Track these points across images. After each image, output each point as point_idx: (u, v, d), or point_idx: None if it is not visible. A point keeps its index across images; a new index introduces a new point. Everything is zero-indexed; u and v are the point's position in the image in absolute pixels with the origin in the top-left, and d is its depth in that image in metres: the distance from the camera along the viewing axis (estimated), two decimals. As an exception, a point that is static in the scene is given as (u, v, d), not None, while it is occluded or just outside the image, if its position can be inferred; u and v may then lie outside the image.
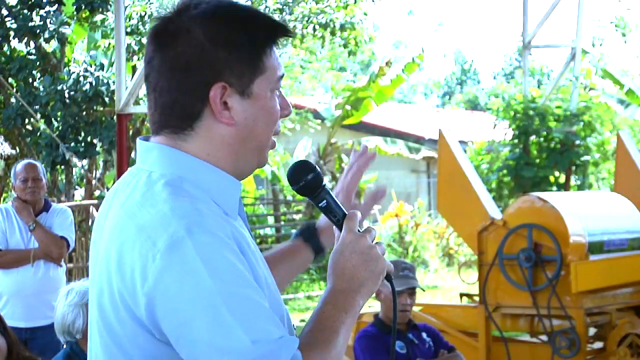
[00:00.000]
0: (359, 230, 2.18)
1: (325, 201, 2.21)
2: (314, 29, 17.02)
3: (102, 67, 14.18)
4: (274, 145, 2.18)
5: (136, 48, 14.83)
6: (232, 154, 2.12)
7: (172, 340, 1.96)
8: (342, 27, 17.32)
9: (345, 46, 17.95)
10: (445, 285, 18.26)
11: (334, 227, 2.25)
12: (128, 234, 2.01)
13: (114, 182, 14.90)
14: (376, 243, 2.16)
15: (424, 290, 6.74)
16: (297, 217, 20.60)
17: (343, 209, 2.22)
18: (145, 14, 14.96)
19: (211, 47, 2.07)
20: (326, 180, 2.25)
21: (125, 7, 13.46)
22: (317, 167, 2.23)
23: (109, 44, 15.03)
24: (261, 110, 2.12)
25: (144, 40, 14.77)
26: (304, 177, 2.21)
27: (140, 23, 14.91)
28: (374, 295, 6.30)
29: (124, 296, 1.99)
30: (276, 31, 2.16)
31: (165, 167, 2.09)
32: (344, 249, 2.14)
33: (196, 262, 1.92)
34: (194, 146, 2.10)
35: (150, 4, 15.40)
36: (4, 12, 13.80)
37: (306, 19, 16.96)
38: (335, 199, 2.22)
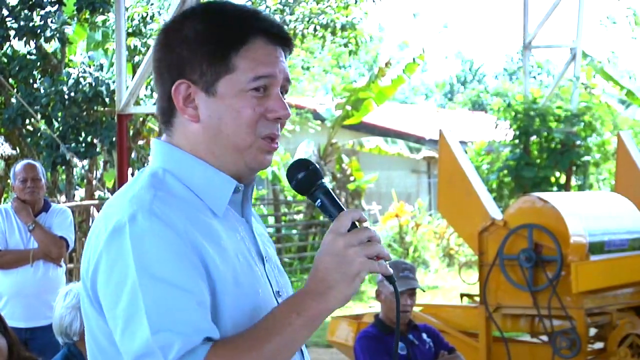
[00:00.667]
0: (348, 230, 2.07)
1: (319, 201, 2.15)
2: (315, 30, 17.02)
3: (100, 67, 14.17)
4: (268, 148, 2.15)
5: (142, 50, 14.83)
6: (209, 152, 2.14)
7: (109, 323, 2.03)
8: (343, 28, 17.32)
9: (346, 45, 17.95)
10: (445, 285, 18.26)
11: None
12: (96, 223, 2.10)
13: (114, 183, 14.91)
14: (358, 244, 2.04)
15: (424, 291, 6.74)
16: (298, 217, 20.61)
17: (341, 207, 2.14)
18: (147, 15, 14.96)
19: (177, 46, 2.13)
20: (326, 181, 2.20)
21: (127, 8, 13.48)
22: (312, 165, 2.18)
23: (110, 44, 15.03)
24: (228, 109, 2.11)
25: (150, 42, 14.78)
26: (296, 176, 2.17)
27: (142, 24, 14.90)
28: (374, 295, 6.30)
29: (84, 279, 2.09)
30: (250, 31, 2.13)
31: (157, 161, 2.17)
32: (321, 249, 2.07)
33: (127, 248, 1.98)
34: (176, 141, 2.17)
35: (151, 5, 15.40)
36: (5, 12, 13.79)
37: (307, 19, 16.97)
38: (335, 197, 2.17)
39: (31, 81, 13.99)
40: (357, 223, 2.08)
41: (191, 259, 2.00)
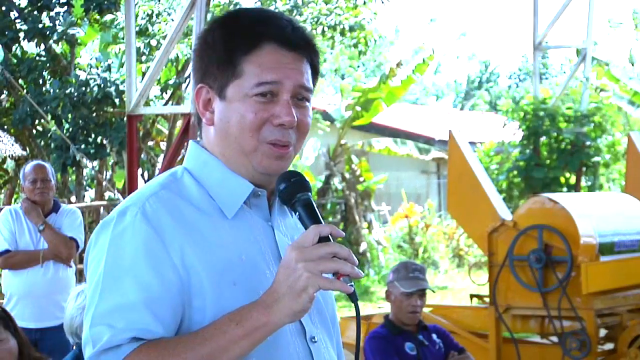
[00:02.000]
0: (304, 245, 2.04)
1: (297, 213, 2.15)
2: (323, 31, 17.01)
3: (108, 68, 14.19)
4: (274, 153, 2.16)
5: (146, 51, 14.83)
6: (222, 154, 2.20)
7: None
8: (352, 29, 17.31)
9: (355, 46, 17.94)
10: (455, 286, 18.24)
11: None
12: None
13: (124, 183, 14.92)
14: (333, 257, 1.99)
15: (434, 292, 6.73)
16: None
17: (318, 220, 2.10)
18: (153, 12, 14.97)
19: (201, 52, 2.22)
20: (335, 182, 2.20)
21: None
22: (296, 177, 2.17)
23: (119, 49, 15.04)
24: (234, 113, 2.16)
25: (153, 43, 14.78)
26: (277, 187, 2.19)
27: (148, 22, 14.91)
28: (384, 296, 6.30)
29: None
30: (259, 37, 2.15)
31: (188, 161, 2.25)
32: (281, 262, 2.06)
33: (105, 241, 2.09)
34: (204, 143, 2.25)
35: (158, 2, 15.41)
36: (14, 14, 13.81)
37: (315, 20, 16.96)
38: (315, 211, 2.13)
39: (41, 82, 14.02)
40: (330, 237, 2.03)
41: (160, 258, 2.05)
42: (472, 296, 9.07)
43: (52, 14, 13.80)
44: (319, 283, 1.99)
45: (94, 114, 13.78)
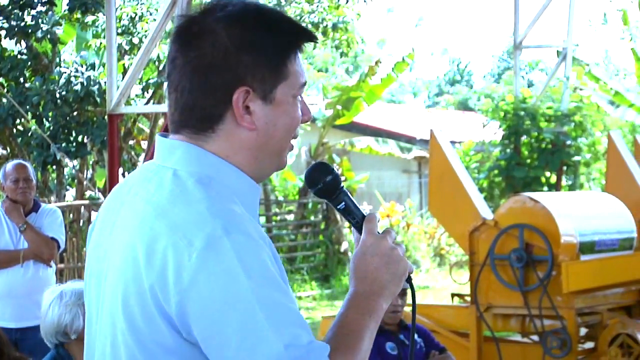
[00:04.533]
0: (378, 232, 2.16)
1: (344, 203, 2.20)
2: (306, 28, 17.00)
3: (92, 67, 14.15)
4: (292, 148, 2.18)
5: (127, 48, 14.80)
6: (251, 158, 2.10)
7: (201, 340, 1.94)
8: (335, 27, 17.31)
9: (337, 47, 17.94)
10: (436, 285, 18.28)
11: (353, 228, 2.23)
12: (159, 230, 1.97)
13: (105, 182, 14.88)
14: (396, 244, 2.15)
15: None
16: (289, 217, 20.59)
17: (362, 210, 2.20)
18: (136, 15, 14.95)
19: (235, 50, 2.06)
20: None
21: (116, 8, 13.44)
22: (334, 169, 2.22)
23: (100, 43, 14.99)
24: (282, 116, 2.11)
25: (135, 40, 14.75)
26: (323, 179, 2.19)
27: (131, 24, 14.88)
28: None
29: (155, 291, 1.95)
30: (301, 37, 2.14)
31: (192, 166, 2.07)
32: (365, 251, 2.13)
33: (233, 262, 1.91)
34: (214, 148, 2.09)
35: (141, 4, 15.38)
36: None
37: (298, 18, 16.96)
38: (354, 200, 2.21)
39: (22, 81, 13.97)
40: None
41: (276, 270, 1.99)
42: (453, 295, 9.09)
43: (34, 12, 13.75)
44: (411, 267, 2.16)
45: (75, 113, 13.74)
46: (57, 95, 13.50)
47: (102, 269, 2.12)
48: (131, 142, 16.44)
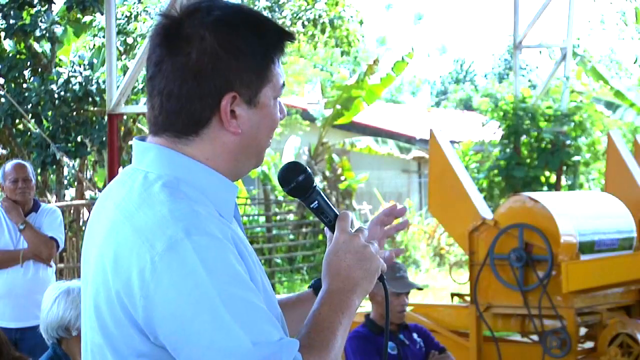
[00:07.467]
0: (351, 230, 2.18)
1: (316, 202, 2.21)
2: (303, 25, 16.98)
3: (91, 66, 14.15)
4: (269, 145, 2.20)
5: (122, 49, 14.80)
6: (232, 160, 2.11)
7: (169, 343, 1.94)
8: (332, 24, 17.29)
9: (337, 46, 17.93)
10: (436, 285, 18.26)
11: (326, 228, 2.24)
12: (125, 235, 1.99)
13: (104, 182, 14.88)
14: (369, 242, 2.16)
15: (422, 289, 6.77)
16: (289, 217, 20.60)
17: (335, 209, 2.22)
18: (131, 14, 14.94)
19: (224, 56, 2.06)
20: (317, 181, 2.24)
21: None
22: (307, 168, 2.23)
23: (102, 43, 14.99)
24: (265, 118, 2.12)
25: (129, 40, 14.75)
26: (295, 179, 2.21)
27: (127, 23, 14.88)
28: (367, 296, 6.31)
29: (121, 297, 1.97)
30: (284, 39, 2.15)
31: (162, 168, 2.07)
32: (337, 249, 2.14)
33: (195, 263, 1.91)
34: (195, 151, 2.08)
35: (137, 3, 15.38)
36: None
37: (295, 15, 16.95)
38: (327, 199, 2.22)
39: (21, 81, 13.97)
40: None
41: (244, 270, 1.99)
42: (452, 295, 9.08)
43: (33, 11, 13.74)
44: (383, 264, 2.18)
45: (75, 112, 13.74)
46: (56, 95, 13.49)
47: (86, 272, 2.14)
48: (131, 142, 16.44)
